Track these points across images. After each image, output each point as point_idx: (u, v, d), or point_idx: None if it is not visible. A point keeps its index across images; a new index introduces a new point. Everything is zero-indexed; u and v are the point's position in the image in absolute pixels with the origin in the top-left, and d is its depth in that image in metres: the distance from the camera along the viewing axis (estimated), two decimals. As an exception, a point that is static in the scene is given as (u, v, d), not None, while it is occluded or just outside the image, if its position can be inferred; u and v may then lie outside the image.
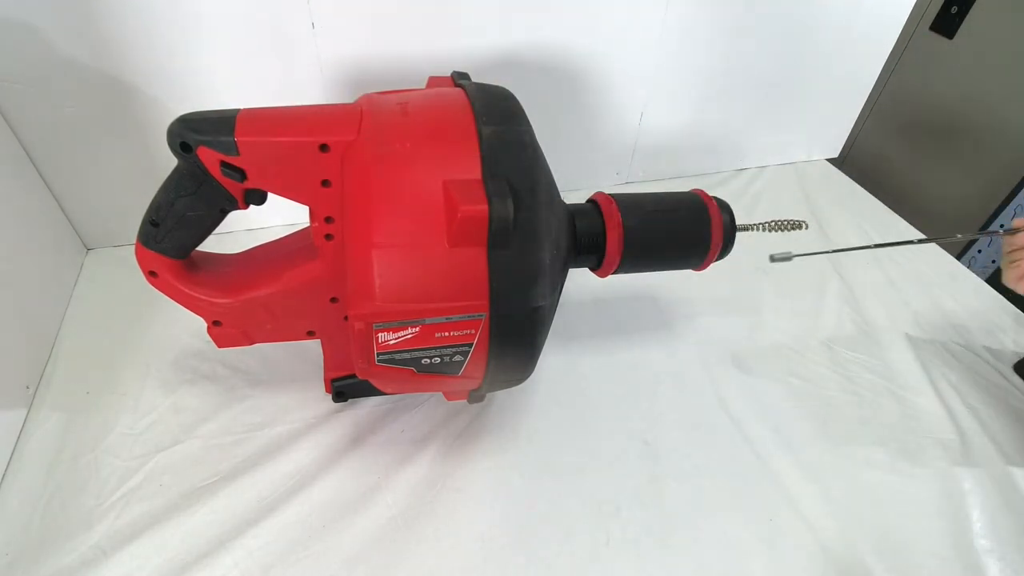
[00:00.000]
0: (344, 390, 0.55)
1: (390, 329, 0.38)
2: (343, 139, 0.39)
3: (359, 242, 0.38)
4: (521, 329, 0.41)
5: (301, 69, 0.65)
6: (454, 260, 0.37)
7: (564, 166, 0.52)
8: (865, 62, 0.89)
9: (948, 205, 1.15)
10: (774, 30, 0.80)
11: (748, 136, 0.92)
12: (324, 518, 0.48)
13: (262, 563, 0.45)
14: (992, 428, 0.58)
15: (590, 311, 0.68)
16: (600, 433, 0.56)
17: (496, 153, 0.39)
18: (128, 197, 0.54)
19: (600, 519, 0.50)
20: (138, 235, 0.43)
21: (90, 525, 0.47)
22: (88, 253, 0.73)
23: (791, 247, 0.52)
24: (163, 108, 0.63)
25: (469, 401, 0.53)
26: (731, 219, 0.49)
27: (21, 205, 0.61)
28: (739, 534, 0.49)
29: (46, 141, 0.62)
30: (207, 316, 0.47)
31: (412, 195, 0.38)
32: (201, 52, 0.61)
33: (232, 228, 0.71)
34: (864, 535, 0.49)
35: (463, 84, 0.44)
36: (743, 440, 0.56)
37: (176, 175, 0.41)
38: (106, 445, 0.52)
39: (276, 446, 0.53)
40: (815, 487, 0.53)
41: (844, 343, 0.66)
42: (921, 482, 0.54)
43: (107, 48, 0.58)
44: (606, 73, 0.76)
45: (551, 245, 0.40)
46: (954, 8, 1.07)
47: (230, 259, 0.49)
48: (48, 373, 0.58)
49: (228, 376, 0.59)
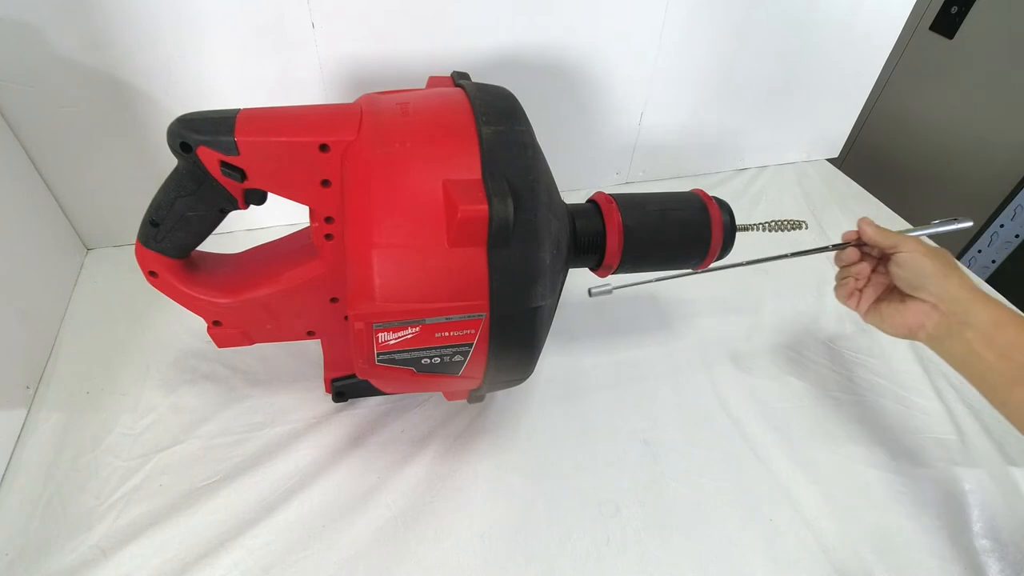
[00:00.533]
0: (344, 390, 0.55)
1: (390, 329, 0.38)
2: (343, 139, 0.39)
3: (359, 242, 0.38)
4: (521, 329, 0.41)
5: (301, 69, 0.65)
6: (454, 260, 0.37)
7: (564, 166, 0.52)
8: (865, 62, 0.89)
9: (948, 205, 1.15)
10: (774, 30, 0.80)
11: (748, 136, 0.92)
12: (324, 518, 0.48)
13: (262, 563, 0.45)
14: (992, 428, 0.58)
15: (590, 311, 0.68)
16: (600, 433, 0.56)
17: (496, 153, 0.39)
18: (128, 197, 0.55)
19: (600, 519, 0.50)
20: (138, 235, 0.43)
21: (90, 525, 0.47)
22: (88, 253, 0.73)
23: (791, 247, 0.52)
24: (163, 108, 0.63)
25: (469, 401, 0.53)
26: (731, 219, 0.49)
27: (21, 205, 0.61)
28: (739, 534, 0.49)
29: (46, 141, 0.63)
30: (207, 316, 0.47)
31: (412, 195, 0.38)
32: (201, 52, 0.61)
33: (232, 228, 0.71)
34: (864, 535, 0.49)
35: (463, 84, 0.44)
36: (743, 440, 0.56)
37: (176, 175, 0.41)
38: (106, 445, 0.52)
39: (276, 446, 0.53)
40: (815, 487, 0.53)
41: (844, 343, 0.66)
42: (921, 482, 0.54)
43: (107, 48, 0.58)
44: (606, 73, 0.76)
45: (551, 245, 0.40)
46: (954, 8, 1.07)
47: (230, 259, 0.49)
48: (48, 373, 0.58)
49: (228, 376, 0.59)
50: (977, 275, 0.77)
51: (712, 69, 0.81)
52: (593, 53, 0.74)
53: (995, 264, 1.08)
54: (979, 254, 1.09)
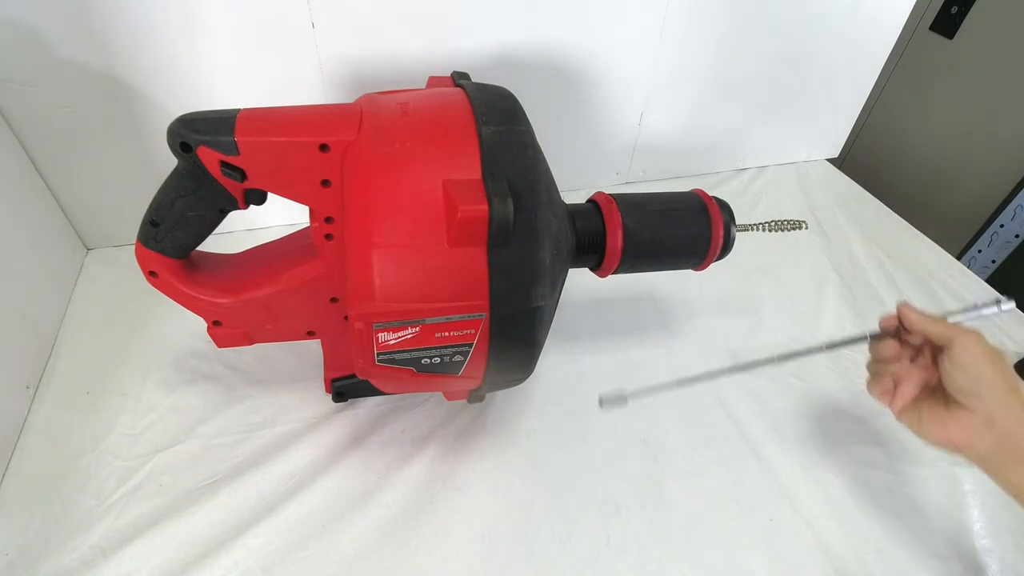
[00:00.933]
0: (344, 390, 0.55)
1: (390, 329, 0.38)
2: (343, 139, 0.39)
3: (359, 242, 0.38)
4: (521, 329, 0.41)
5: (301, 69, 0.65)
6: (454, 260, 0.37)
7: (564, 166, 0.52)
8: (865, 62, 0.89)
9: (948, 205, 1.15)
10: (774, 30, 0.80)
11: (748, 136, 0.92)
12: (324, 518, 0.48)
13: (262, 563, 0.45)
14: (992, 428, 0.58)
15: (590, 311, 0.68)
16: (600, 433, 0.56)
17: (496, 153, 0.39)
18: (128, 197, 0.55)
19: (600, 519, 0.50)
20: (138, 235, 0.43)
21: (90, 525, 0.47)
22: (88, 253, 0.73)
23: (791, 247, 0.52)
24: (163, 108, 0.63)
25: (469, 401, 0.53)
26: (731, 219, 0.49)
27: (21, 205, 0.61)
28: (739, 534, 0.49)
29: (46, 141, 0.62)
30: (207, 316, 0.47)
31: (412, 195, 0.38)
32: (201, 52, 0.61)
33: (232, 228, 0.71)
34: (864, 535, 0.50)
35: (463, 84, 0.44)
36: (743, 440, 0.56)
37: (176, 175, 0.41)
38: (106, 445, 0.52)
39: (276, 446, 0.53)
40: (815, 487, 0.53)
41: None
42: (921, 482, 0.54)
43: (107, 48, 0.58)
44: (606, 73, 0.76)
45: (551, 245, 0.40)
46: (954, 8, 1.07)
47: (230, 259, 0.49)
48: (48, 373, 0.58)
49: (228, 376, 0.59)
50: (977, 275, 0.77)
51: (712, 69, 0.81)
52: (593, 53, 0.74)
53: (995, 264, 1.08)
54: (979, 254, 1.09)
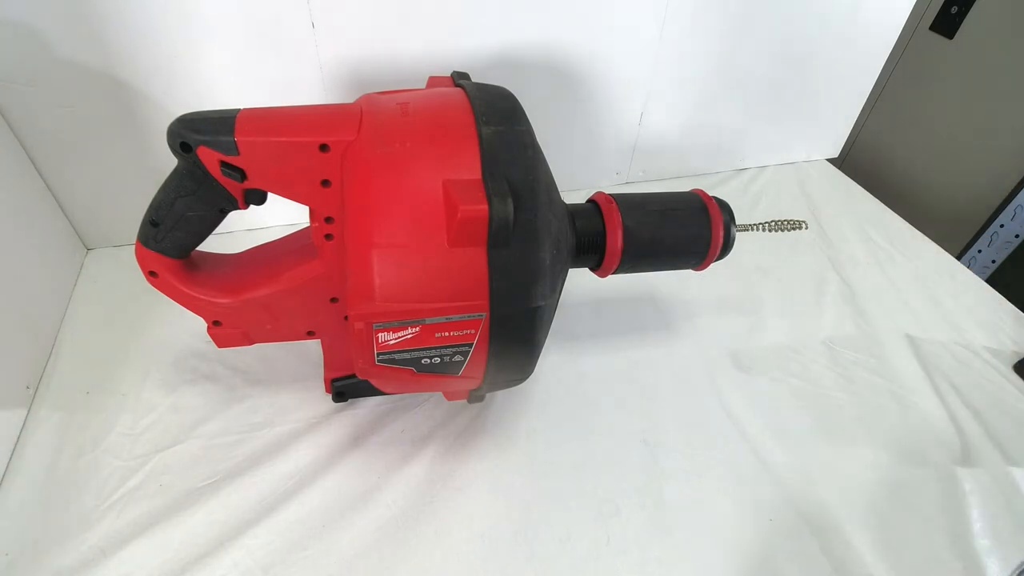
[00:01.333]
0: (344, 390, 0.55)
1: (390, 329, 0.38)
2: (343, 139, 0.39)
3: (359, 242, 0.38)
4: (521, 329, 0.41)
5: (301, 69, 0.65)
6: (454, 260, 0.37)
7: (564, 166, 0.52)
8: (865, 62, 0.89)
9: (948, 205, 1.15)
10: (774, 30, 0.80)
11: (748, 136, 0.92)
12: (324, 518, 0.48)
13: (262, 563, 0.45)
14: (992, 428, 0.58)
15: (590, 311, 0.68)
16: (600, 433, 0.56)
17: (496, 153, 0.39)
18: (128, 197, 0.55)
19: (600, 519, 0.50)
20: (138, 235, 0.43)
21: (90, 525, 0.47)
22: (88, 253, 0.73)
23: (791, 247, 0.52)
24: (163, 108, 0.63)
25: (469, 401, 0.53)
26: (731, 219, 0.49)
27: (21, 205, 0.61)
28: (739, 534, 0.49)
29: (46, 141, 0.62)
30: (207, 316, 0.47)
31: (412, 195, 0.38)
32: (201, 52, 0.61)
33: (232, 228, 0.71)
34: (864, 535, 0.49)
35: (463, 84, 0.44)
36: (743, 440, 0.56)
37: (176, 175, 0.41)
38: (106, 445, 0.52)
39: (276, 446, 0.53)
40: (815, 487, 0.53)
41: (844, 343, 0.66)
42: (921, 482, 0.54)
43: (107, 48, 0.58)
44: (606, 73, 0.76)
45: (551, 245, 0.40)
46: (954, 8, 1.07)
47: (230, 259, 0.49)
48: (48, 373, 0.58)
49: (228, 376, 0.59)
50: (977, 275, 0.77)
51: (712, 69, 0.81)
52: (593, 53, 0.74)
53: (995, 264, 1.07)
54: (979, 254, 1.09)
